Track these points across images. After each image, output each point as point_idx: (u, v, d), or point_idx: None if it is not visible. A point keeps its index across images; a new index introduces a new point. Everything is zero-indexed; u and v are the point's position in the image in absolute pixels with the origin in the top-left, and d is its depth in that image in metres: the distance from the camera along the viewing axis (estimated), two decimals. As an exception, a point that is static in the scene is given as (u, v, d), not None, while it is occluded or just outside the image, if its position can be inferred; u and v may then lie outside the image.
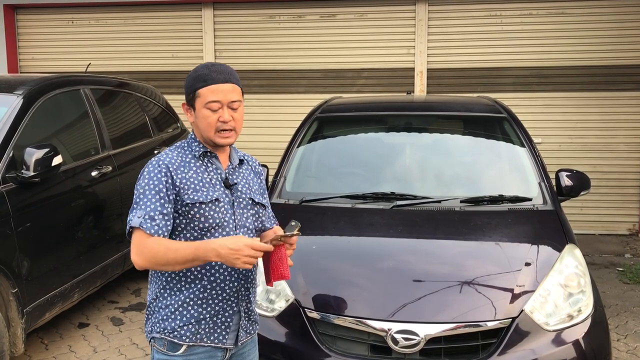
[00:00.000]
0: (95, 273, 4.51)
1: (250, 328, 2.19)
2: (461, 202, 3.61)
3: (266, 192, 2.30)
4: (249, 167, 2.25)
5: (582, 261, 3.15)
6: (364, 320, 2.79)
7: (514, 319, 2.80)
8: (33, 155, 3.80)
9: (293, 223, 2.04)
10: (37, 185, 3.92)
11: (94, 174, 4.57)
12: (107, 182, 4.71)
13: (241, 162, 2.21)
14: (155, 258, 1.93)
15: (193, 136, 2.13)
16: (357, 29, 7.18)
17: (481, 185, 3.88)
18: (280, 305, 2.96)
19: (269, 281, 2.04)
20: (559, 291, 2.96)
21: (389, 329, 2.73)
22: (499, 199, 3.65)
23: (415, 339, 2.71)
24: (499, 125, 4.29)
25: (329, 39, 7.23)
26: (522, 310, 2.82)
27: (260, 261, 2.02)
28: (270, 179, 4.06)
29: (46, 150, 3.87)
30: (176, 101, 6.75)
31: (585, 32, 6.83)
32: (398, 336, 2.72)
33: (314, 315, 2.87)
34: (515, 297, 2.87)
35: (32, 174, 3.79)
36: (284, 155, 4.16)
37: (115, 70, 7.18)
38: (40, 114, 4.20)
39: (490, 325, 2.77)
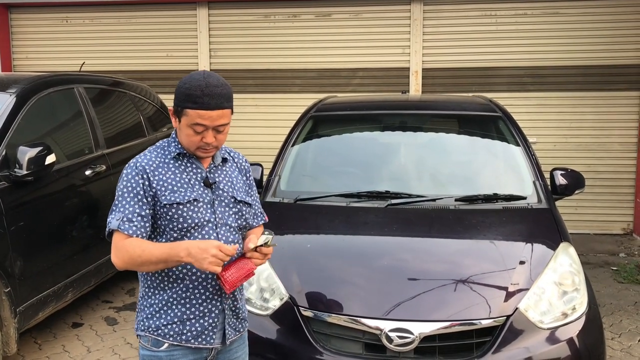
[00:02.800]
0: (89, 272, 4.49)
1: (239, 326, 2.18)
2: (456, 200, 3.61)
3: (253, 188, 2.27)
4: (234, 165, 2.22)
5: (577, 259, 3.15)
6: (358, 318, 2.78)
7: (508, 317, 2.80)
8: (26, 154, 3.78)
9: (267, 232, 2.04)
10: (30, 184, 3.90)
11: (87, 173, 4.56)
12: (101, 181, 4.69)
13: (225, 160, 2.18)
14: (131, 259, 1.95)
15: (174, 136, 2.12)
16: (352, 29, 7.17)
17: (476, 184, 3.88)
18: (275, 303, 2.95)
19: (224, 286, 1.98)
20: (553, 289, 2.96)
21: (383, 328, 2.73)
22: (494, 198, 3.65)
23: (409, 337, 2.70)
24: (493, 124, 4.30)
25: (324, 39, 7.22)
26: (517, 309, 2.82)
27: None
28: (265, 177, 4.05)
29: (39, 149, 3.86)
30: (171, 101, 6.73)
31: (579, 32, 6.84)
32: (392, 334, 2.71)
33: (309, 313, 2.86)
34: (509, 295, 2.87)
35: (25, 172, 3.77)
36: (279, 154, 4.15)
37: (109, 70, 7.15)
38: (33, 113, 4.18)
39: (485, 323, 2.77)
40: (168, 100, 6.44)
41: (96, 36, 7.56)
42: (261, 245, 2.00)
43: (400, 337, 2.71)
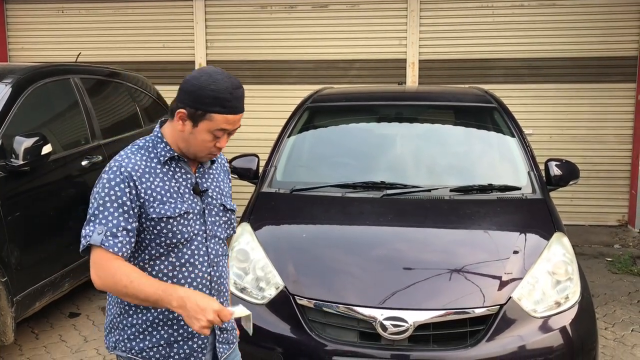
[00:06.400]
0: (86, 262, 4.48)
1: (230, 337, 2.03)
2: (451, 191, 3.63)
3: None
4: (219, 166, 2.03)
5: (570, 249, 3.18)
6: (353, 307, 2.80)
7: (501, 306, 2.82)
8: (22, 143, 3.79)
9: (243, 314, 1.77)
10: (27, 174, 3.91)
11: (84, 163, 4.56)
12: (98, 171, 4.62)
13: (212, 161, 1.98)
14: (115, 286, 1.74)
15: (160, 135, 1.87)
16: (349, 20, 7.16)
17: (471, 175, 3.89)
18: (270, 292, 2.97)
19: None
20: (546, 278, 2.99)
21: (378, 316, 2.75)
22: (489, 188, 3.66)
23: (403, 326, 2.72)
24: (489, 115, 4.31)
25: (321, 30, 7.21)
26: (510, 298, 2.85)
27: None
28: (261, 168, 4.07)
29: (36, 139, 3.86)
30: (167, 92, 6.73)
31: (576, 23, 6.84)
32: (387, 323, 2.73)
33: (304, 302, 2.88)
34: (503, 284, 2.89)
35: (22, 162, 3.78)
36: (275, 144, 4.16)
37: (105, 60, 7.12)
38: (29, 103, 4.18)
39: (478, 312, 2.79)
40: (164, 92, 6.46)
41: (92, 27, 7.53)
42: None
43: (395, 326, 2.73)
